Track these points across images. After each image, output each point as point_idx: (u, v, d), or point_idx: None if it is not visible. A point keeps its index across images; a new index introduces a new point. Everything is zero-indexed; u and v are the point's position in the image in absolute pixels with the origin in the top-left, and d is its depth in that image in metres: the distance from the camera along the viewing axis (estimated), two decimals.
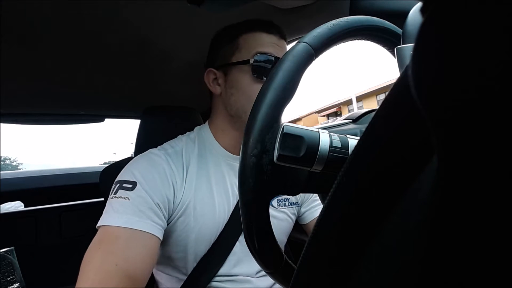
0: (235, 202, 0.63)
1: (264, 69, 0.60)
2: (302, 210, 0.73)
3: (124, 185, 0.54)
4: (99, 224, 0.51)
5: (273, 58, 0.60)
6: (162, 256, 0.61)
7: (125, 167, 0.58)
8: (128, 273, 0.46)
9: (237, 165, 0.64)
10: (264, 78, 0.59)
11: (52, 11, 0.70)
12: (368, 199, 0.16)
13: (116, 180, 0.56)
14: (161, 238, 0.53)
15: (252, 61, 0.59)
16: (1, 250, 0.75)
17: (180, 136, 0.68)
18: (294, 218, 0.71)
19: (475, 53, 0.08)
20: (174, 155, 0.61)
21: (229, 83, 0.63)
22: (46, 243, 1.19)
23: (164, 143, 0.65)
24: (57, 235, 1.20)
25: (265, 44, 0.61)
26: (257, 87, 0.59)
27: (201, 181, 0.61)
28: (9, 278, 0.74)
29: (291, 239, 0.77)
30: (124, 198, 0.52)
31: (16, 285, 0.74)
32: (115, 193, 0.53)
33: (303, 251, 0.20)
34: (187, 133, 0.69)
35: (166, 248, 0.60)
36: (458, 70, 0.09)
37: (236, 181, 0.64)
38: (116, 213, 0.51)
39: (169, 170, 0.58)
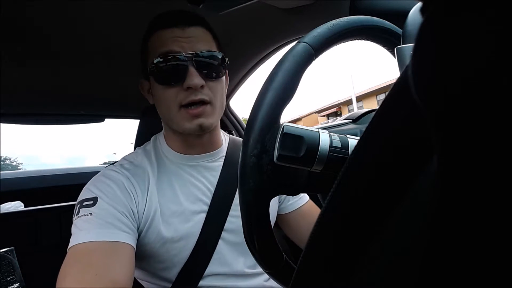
0: (209, 202, 0.61)
1: (167, 73, 0.55)
2: (281, 198, 0.72)
3: (85, 203, 0.52)
4: (68, 247, 0.49)
5: (173, 56, 0.54)
6: (144, 269, 0.60)
7: (83, 188, 0.56)
8: (111, 279, 0.45)
9: (197, 164, 0.63)
10: (176, 82, 0.55)
11: (52, 12, 0.70)
12: (368, 199, 0.17)
13: (76, 202, 0.54)
14: (134, 246, 0.52)
15: (151, 68, 0.55)
16: (1, 250, 0.75)
17: (137, 148, 0.67)
18: (277, 205, 0.70)
19: (473, 53, 0.08)
20: (132, 169, 0.59)
21: (152, 92, 0.61)
22: (46, 243, 1.19)
23: (121, 158, 0.63)
24: (57, 235, 1.20)
25: (165, 42, 0.55)
26: (169, 93, 0.55)
27: (164, 189, 0.59)
28: (9, 278, 0.74)
29: (291, 239, 0.77)
30: (87, 215, 0.50)
31: (16, 285, 0.74)
32: (77, 213, 0.51)
33: (303, 251, 0.20)
34: (144, 144, 0.68)
35: (146, 261, 0.58)
36: (457, 70, 0.09)
37: (204, 180, 0.63)
38: (83, 231, 0.49)
39: (127, 182, 0.56)
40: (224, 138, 0.72)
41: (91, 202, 0.52)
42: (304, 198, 0.74)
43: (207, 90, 0.57)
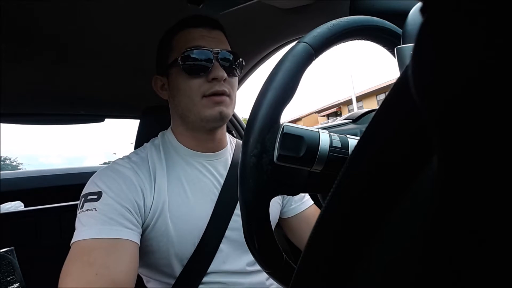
0: (215, 199, 0.62)
1: (194, 65, 0.59)
2: (284, 202, 0.72)
3: (89, 197, 0.53)
4: (72, 241, 0.50)
5: (201, 50, 0.59)
6: (149, 264, 0.60)
7: (89, 180, 0.56)
8: (111, 279, 0.45)
9: (204, 161, 0.65)
10: (201, 74, 0.59)
11: (53, 12, 0.70)
12: (368, 199, 0.17)
13: (81, 194, 0.55)
14: (138, 242, 0.52)
15: (179, 59, 0.59)
16: (1, 250, 0.75)
17: (145, 144, 0.68)
18: (279, 207, 0.71)
19: (473, 54, 0.08)
20: (140, 162, 0.60)
21: (171, 86, 0.64)
22: (46, 243, 1.19)
23: (130, 153, 0.65)
24: (57, 235, 1.20)
25: (194, 38, 0.60)
26: (193, 83, 0.59)
27: (172, 184, 0.60)
28: (9, 278, 0.74)
29: (294, 243, 0.77)
30: (91, 210, 0.51)
31: (16, 285, 0.74)
32: (82, 207, 0.52)
33: (303, 251, 0.20)
34: (152, 139, 0.69)
35: (151, 255, 0.59)
36: (457, 70, 0.09)
37: (211, 178, 0.64)
38: (86, 227, 0.49)
39: (135, 176, 0.57)
40: (230, 140, 0.74)
41: (96, 197, 0.52)
42: (306, 202, 0.74)
43: (227, 84, 0.61)
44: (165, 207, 0.57)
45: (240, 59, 0.65)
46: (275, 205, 0.69)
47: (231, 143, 0.74)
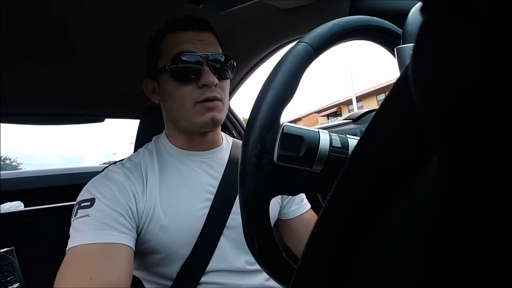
0: (212, 198, 0.62)
1: (184, 71, 0.58)
2: (283, 203, 0.72)
3: (83, 204, 0.53)
4: (67, 248, 0.50)
5: (190, 55, 0.58)
6: (146, 266, 0.60)
7: (83, 188, 0.57)
8: (105, 282, 0.46)
9: (199, 160, 0.64)
10: (191, 80, 0.58)
11: (52, 13, 0.70)
12: (368, 199, 0.17)
13: (75, 203, 0.55)
14: (132, 246, 0.52)
15: (167, 66, 0.58)
16: (1, 250, 0.75)
17: (139, 149, 0.68)
18: (278, 206, 0.71)
19: (473, 54, 0.08)
20: (133, 167, 0.60)
21: (161, 91, 0.63)
22: (46, 243, 1.19)
23: (124, 159, 0.65)
24: (57, 235, 1.20)
25: (181, 43, 0.59)
26: (184, 90, 0.58)
27: (165, 185, 0.60)
28: (9, 278, 0.74)
29: (288, 245, 0.77)
30: (84, 216, 0.51)
31: (16, 285, 0.74)
32: (75, 215, 0.52)
33: (303, 251, 0.20)
34: (145, 144, 0.69)
35: (147, 257, 0.59)
36: (457, 70, 0.09)
37: (207, 176, 0.64)
38: (80, 233, 0.50)
39: (128, 181, 0.57)
40: (227, 139, 0.74)
41: (89, 203, 0.53)
42: (305, 206, 0.74)
43: (218, 89, 0.60)
44: (157, 208, 0.57)
45: (232, 61, 0.63)
46: (275, 204, 0.69)
47: (228, 141, 0.73)
